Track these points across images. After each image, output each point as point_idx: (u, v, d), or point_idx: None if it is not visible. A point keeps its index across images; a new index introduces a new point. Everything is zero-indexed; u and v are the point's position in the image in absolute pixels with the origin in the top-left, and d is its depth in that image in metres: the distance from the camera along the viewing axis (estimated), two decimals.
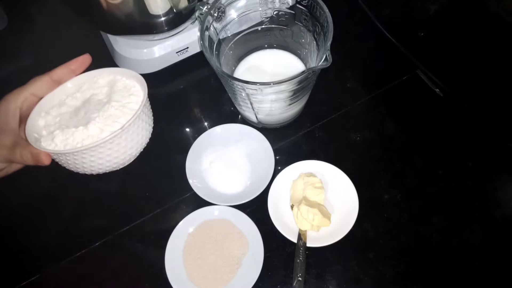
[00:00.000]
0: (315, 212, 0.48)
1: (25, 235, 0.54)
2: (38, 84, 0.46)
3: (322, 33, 0.48)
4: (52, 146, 0.45)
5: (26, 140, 0.44)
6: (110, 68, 0.51)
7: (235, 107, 0.59)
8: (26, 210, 0.55)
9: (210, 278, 0.48)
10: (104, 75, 0.51)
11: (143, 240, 0.52)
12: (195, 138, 0.55)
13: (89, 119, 0.46)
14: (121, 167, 0.49)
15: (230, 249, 0.49)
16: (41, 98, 0.47)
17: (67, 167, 0.47)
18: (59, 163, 0.46)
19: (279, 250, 0.50)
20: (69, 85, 0.50)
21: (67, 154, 0.44)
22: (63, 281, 0.51)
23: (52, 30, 0.71)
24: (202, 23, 0.48)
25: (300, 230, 0.49)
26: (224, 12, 0.50)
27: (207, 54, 0.46)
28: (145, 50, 0.59)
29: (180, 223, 0.50)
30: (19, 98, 0.45)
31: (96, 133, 0.45)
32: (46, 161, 0.43)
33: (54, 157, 0.45)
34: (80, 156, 0.44)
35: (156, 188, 0.54)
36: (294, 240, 0.48)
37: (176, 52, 0.60)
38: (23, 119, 0.46)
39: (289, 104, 0.51)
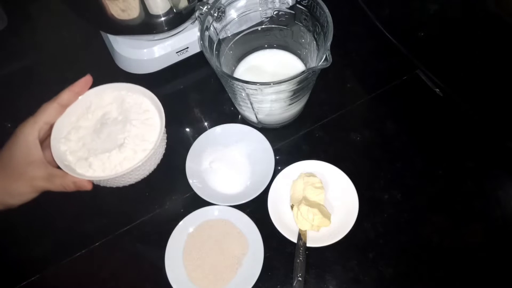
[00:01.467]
0: (315, 212, 0.48)
1: (25, 235, 0.54)
2: (48, 112, 0.47)
3: (322, 33, 0.48)
4: (91, 173, 0.46)
5: (59, 168, 0.45)
6: (112, 84, 0.52)
7: (235, 107, 0.59)
8: (26, 210, 0.55)
9: (210, 278, 0.48)
10: (107, 92, 0.52)
11: (143, 240, 0.52)
12: (195, 138, 0.55)
13: (117, 140, 0.48)
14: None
15: (230, 249, 0.49)
16: (52, 125, 0.48)
17: (100, 185, 0.49)
18: (94, 183, 0.49)
19: (279, 250, 0.50)
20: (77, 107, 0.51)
21: (108, 180, 0.46)
22: (63, 281, 0.51)
23: (52, 30, 0.71)
24: (202, 23, 0.48)
25: (300, 230, 0.49)
26: (224, 12, 0.50)
27: (207, 54, 0.46)
28: (145, 50, 0.59)
29: (180, 223, 0.50)
30: (35, 129, 0.45)
31: (130, 154, 0.47)
32: (89, 187, 0.46)
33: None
34: (120, 177, 0.46)
35: (156, 188, 0.54)
36: (294, 240, 0.48)
37: (176, 52, 0.60)
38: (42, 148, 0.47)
39: (289, 104, 0.51)
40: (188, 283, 0.48)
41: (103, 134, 0.49)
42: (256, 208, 0.51)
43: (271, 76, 0.56)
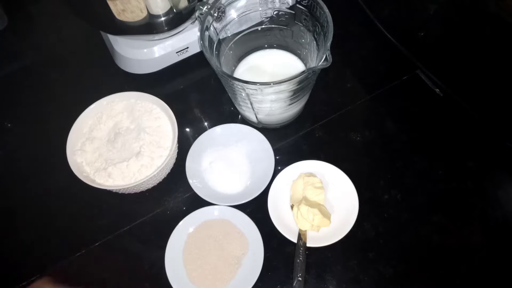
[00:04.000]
0: (315, 212, 0.48)
1: (25, 235, 0.54)
2: None
3: (322, 33, 0.48)
4: (110, 182, 0.49)
5: None
6: (120, 94, 0.54)
7: (235, 107, 0.59)
8: (27, 210, 0.55)
9: (209, 278, 0.48)
10: (116, 101, 0.54)
11: (143, 240, 0.52)
12: (195, 138, 0.55)
13: (133, 149, 0.50)
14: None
15: (230, 249, 0.49)
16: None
17: (119, 192, 0.51)
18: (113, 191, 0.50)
19: (279, 250, 0.50)
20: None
21: (127, 188, 0.48)
22: (63, 281, 0.51)
23: (52, 30, 0.71)
24: (202, 23, 0.48)
25: (300, 230, 0.49)
26: (224, 12, 0.50)
27: (207, 54, 0.46)
28: (145, 50, 0.59)
29: (180, 223, 0.50)
30: None
31: (147, 161, 0.49)
32: None
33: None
34: (140, 185, 0.48)
35: (156, 188, 0.54)
36: (294, 240, 0.48)
37: (176, 52, 0.60)
38: None
39: (289, 104, 0.51)
40: (188, 283, 0.48)
41: (118, 144, 0.51)
42: (256, 208, 0.51)
43: (271, 76, 0.56)
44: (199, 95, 0.63)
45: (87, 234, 0.53)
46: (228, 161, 0.54)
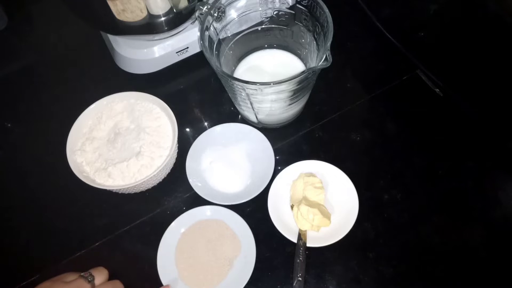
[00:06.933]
0: (315, 212, 0.48)
1: (25, 235, 0.54)
2: None
3: (322, 33, 0.48)
4: (110, 182, 0.48)
5: None
6: (120, 94, 0.54)
7: (235, 107, 0.59)
8: (27, 210, 0.55)
9: (201, 278, 0.48)
10: (116, 101, 0.54)
11: (143, 240, 0.52)
12: (195, 138, 0.55)
13: (133, 149, 0.50)
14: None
15: (223, 250, 0.49)
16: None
17: (119, 192, 0.51)
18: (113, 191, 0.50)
19: (279, 250, 0.50)
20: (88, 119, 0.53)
21: (127, 188, 0.48)
22: None
23: (52, 30, 0.71)
24: (202, 23, 0.48)
25: (300, 230, 0.49)
26: (224, 12, 0.50)
27: (207, 54, 0.46)
28: (145, 50, 0.59)
29: (174, 221, 0.50)
30: None
31: (147, 161, 0.49)
32: None
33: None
34: (140, 185, 0.48)
35: (156, 188, 0.54)
36: (294, 240, 0.48)
37: (176, 52, 0.60)
38: None
39: (289, 104, 0.51)
40: (179, 282, 0.48)
41: (118, 144, 0.51)
42: (256, 208, 0.51)
43: (271, 76, 0.56)
44: (199, 95, 0.63)
45: (87, 234, 0.53)
46: (228, 160, 0.54)
